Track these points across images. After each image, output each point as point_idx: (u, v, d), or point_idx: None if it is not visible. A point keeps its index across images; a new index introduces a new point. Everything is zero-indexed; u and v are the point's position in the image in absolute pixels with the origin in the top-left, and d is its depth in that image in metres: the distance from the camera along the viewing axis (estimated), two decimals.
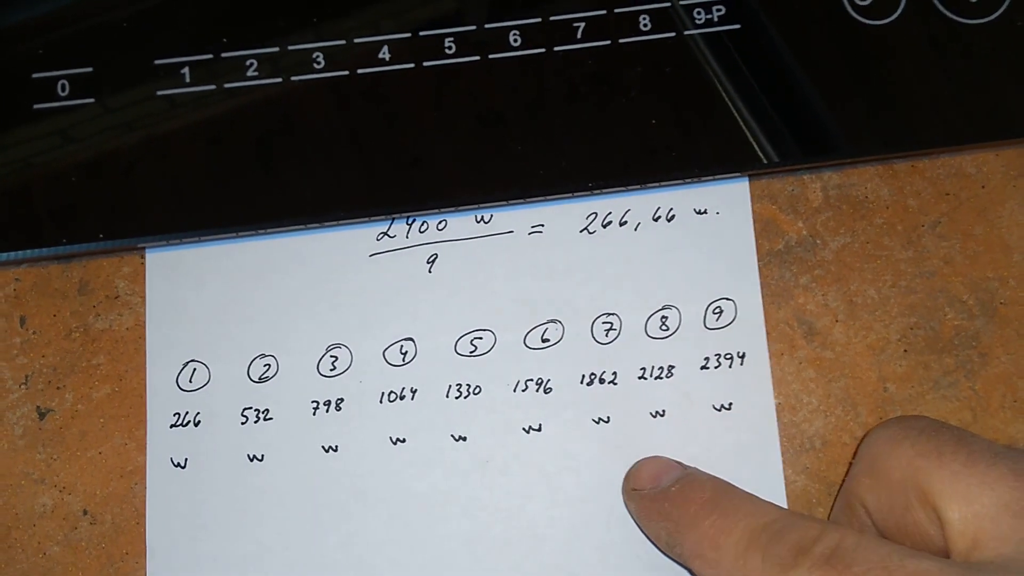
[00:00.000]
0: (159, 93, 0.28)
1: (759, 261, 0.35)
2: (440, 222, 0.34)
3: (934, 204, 0.36)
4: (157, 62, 0.25)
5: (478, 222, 0.34)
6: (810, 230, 0.36)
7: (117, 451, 0.32)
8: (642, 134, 0.31)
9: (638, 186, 0.33)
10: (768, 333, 0.34)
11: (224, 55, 0.28)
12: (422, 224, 0.34)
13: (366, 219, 0.32)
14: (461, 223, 0.34)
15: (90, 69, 0.25)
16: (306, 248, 0.33)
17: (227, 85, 0.28)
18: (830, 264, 0.35)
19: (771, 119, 0.31)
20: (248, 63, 0.28)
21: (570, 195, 0.33)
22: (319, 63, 0.30)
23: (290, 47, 0.29)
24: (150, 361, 0.32)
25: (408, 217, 0.33)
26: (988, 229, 0.36)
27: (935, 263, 0.36)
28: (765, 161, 0.32)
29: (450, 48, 0.30)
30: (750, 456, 0.33)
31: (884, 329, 0.35)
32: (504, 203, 0.32)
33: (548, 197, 0.32)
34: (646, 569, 0.32)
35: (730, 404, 0.33)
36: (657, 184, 0.32)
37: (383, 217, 0.32)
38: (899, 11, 0.29)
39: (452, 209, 0.33)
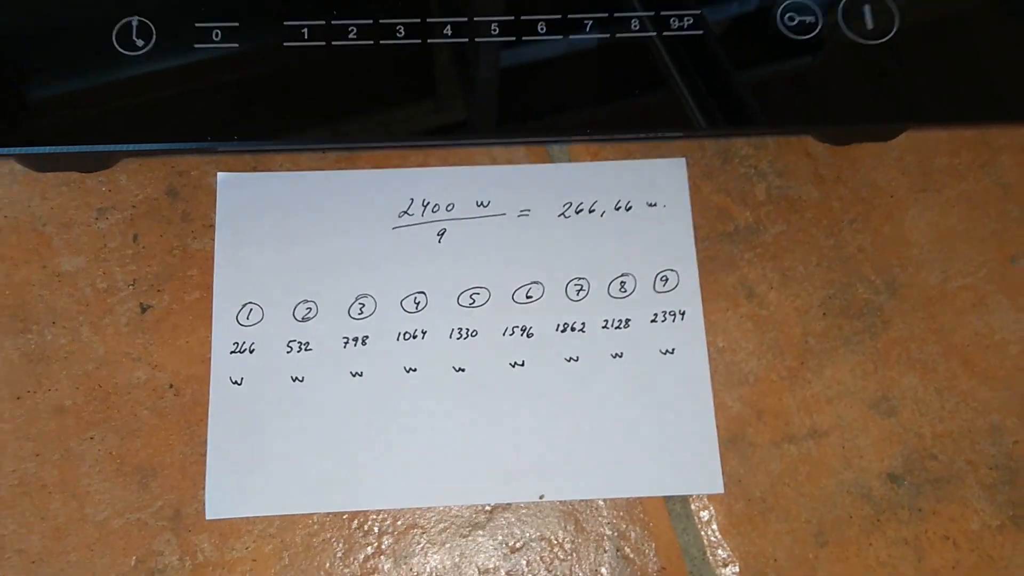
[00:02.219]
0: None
1: (713, 240, 0.43)
2: (448, 204, 0.43)
3: (852, 206, 0.44)
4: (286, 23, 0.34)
5: (478, 206, 0.43)
6: (755, 218, 0.44)
7: (200, 342, 0.40)
8: (628, 101, 0.38)
9: (629, 135, 0.41)
10: (717, 294, 0.42)
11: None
12: (434, 206, 0.43)
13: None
14: (464, 206, 0.43)
15: (236, 24, 0.35)
16: (345, 219, 0.42)
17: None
18: (769, 245, 0.44)
19: (719, 98, 0.39)
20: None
21: (574, 138, 0.42)
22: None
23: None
24: (216, 302, 0.41)
25: (424, 200, 0.43)
26: (893, 228, 0.44)
27: (851, 250, 0.44)
28: (707, 125, 0.39)
29: (495, 29, 0.38)
30: (688, 388, 0.41)
31: (808, 297, 0.43)
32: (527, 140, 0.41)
33: (561, 138, 0.41)
34: (605, 470, 0.40)
35: (673, 349, 0.41)
36: (636, 136, 0.41)
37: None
38: (817, 31, 0.38)
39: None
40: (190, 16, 0.35)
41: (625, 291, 0.42)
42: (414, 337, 0.41)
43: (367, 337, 0.41)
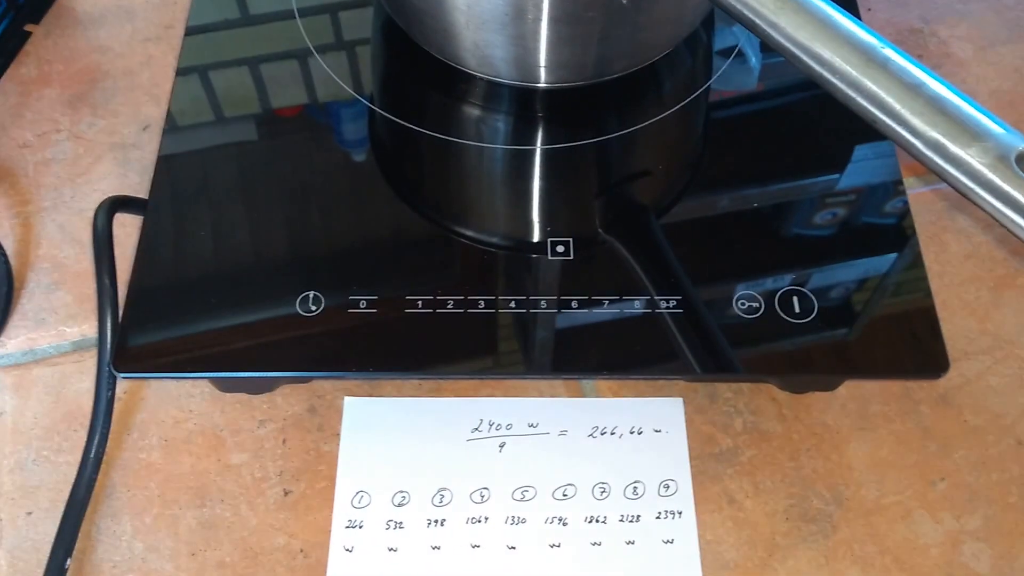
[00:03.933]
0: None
1: (703, 459, 0.58)
2: (508, 424, 0.59)
3: (808, 438, 0.59)
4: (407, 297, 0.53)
5: (529, 426, 0.59)
6: (734, 443, 0.59)
7: (324, 518, 0.55)
8: (635, 356, 0.54)
9: (640, 376, 0.57)
10: (706, 499, 0.57)
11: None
12: (497, 425, 0.59)
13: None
14: (519, 427, 0.59)
15: (376, 297, 0.53)
16: (432, 433, 0.58)
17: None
18: (745, 464, 0.58)
19: (701, 351, 0.54)
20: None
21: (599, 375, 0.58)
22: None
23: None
24: (337, 490, 0.56)
25: (490, 421, 0.59)
26: (839, 456, 0.59)
27: (807, 472, 0.58)
28: (699, 371, 0.55)
29: (544, 304, 0.54)
30: (683, 571, 0.54)
31: (775, 504, 0.57)
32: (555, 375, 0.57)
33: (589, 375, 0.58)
34: None
35: (672, 540, 0.55)
36: (648, 376, 0.57)
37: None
38: (759, 314, 0.54)
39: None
40: (346, 291, 0.53)
41: (637, 494, 0.57)
42: (479, 522, 0.56)
43: (444, 520, 0.56)
